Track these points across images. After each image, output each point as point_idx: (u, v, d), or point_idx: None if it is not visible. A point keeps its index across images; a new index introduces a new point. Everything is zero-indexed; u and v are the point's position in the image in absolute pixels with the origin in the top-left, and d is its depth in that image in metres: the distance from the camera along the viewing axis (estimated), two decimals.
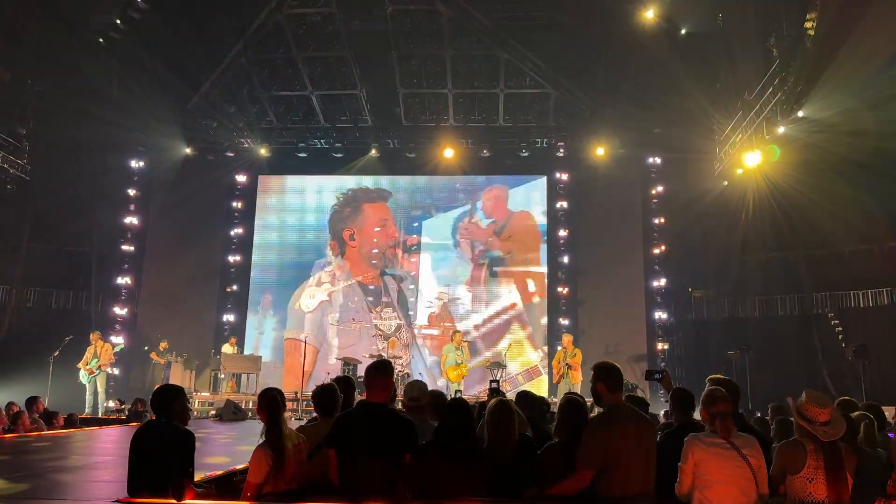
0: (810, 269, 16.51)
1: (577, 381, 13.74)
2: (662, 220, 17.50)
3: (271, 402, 4.55)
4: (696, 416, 5.05)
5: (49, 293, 18.00)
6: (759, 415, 9.86)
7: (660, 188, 17.70)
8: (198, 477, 4.80)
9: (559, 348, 14.82)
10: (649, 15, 13.67)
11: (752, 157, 14.05)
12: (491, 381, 8.27)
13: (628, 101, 15.91)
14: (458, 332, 15.37)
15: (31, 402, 10.66)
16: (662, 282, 17.37)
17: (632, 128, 16.92)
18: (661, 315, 17.22)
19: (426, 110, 17.62)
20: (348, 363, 15.20)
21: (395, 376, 6.90)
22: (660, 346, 17.00)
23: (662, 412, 10.33)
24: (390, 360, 9.31)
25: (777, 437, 5.68)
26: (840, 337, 15.69)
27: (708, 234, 16.88)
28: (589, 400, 5.00)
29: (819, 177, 13.88)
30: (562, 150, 17.91)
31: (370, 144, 18.30)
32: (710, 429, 4.15)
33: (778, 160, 13.96)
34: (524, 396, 5.99)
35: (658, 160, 17.73)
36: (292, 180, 19.55)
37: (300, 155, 18.72)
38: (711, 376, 5.01)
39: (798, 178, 14.16)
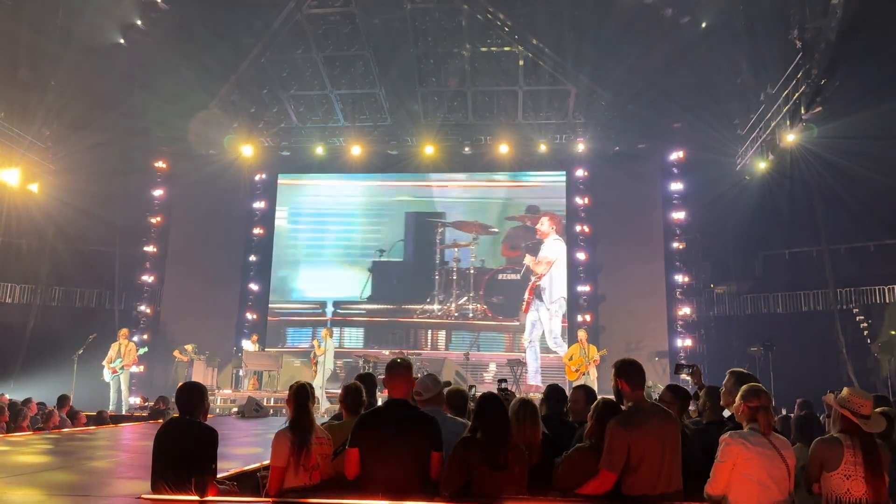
0: (834, 265, 16.27)
1: (595, 378, 13.78)
2: (683, 215, 17.32)
3: (300, 391, 4.60)
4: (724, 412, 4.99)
5: (73, 292, 18.28)
6: (784, 412, 9.75)
7: (680, 183, 17.50)
8: (220, 474, 4.83)
9: (575, 344, 14.81)
10: (669, 10, 13.55)
11: (775, 146, 13.93)
12: (500, 381, 8.06)
13: (648, 96, 15.78)
14: None
15: (63, 400, 10.82)
16: (684, 278, 17.21)
17: (652, 123, 16.77)
18: (682, 311, 17.04)
19: (445, 108, 17.59)
20: (368, 360, 15.26)
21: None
22: (682, 342, 16.84)
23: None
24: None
25: (802, 436, 5.57)
26: (865, 333, 15.48)
27: (730, 229, 16.72)
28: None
29: (842, 170, 13.69)
30: (581, 146, 17.82)
31: (389, 142, 18.35)
32: (751, 425, 3.99)
33: (799, 154, 13.80)
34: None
35: (679, 155, 17.52)
36: (312, 179, 19.64)
37: (319, 153, 18.75)
38: (733, 369, 4.93)
39: (821, 171, 13.98)
